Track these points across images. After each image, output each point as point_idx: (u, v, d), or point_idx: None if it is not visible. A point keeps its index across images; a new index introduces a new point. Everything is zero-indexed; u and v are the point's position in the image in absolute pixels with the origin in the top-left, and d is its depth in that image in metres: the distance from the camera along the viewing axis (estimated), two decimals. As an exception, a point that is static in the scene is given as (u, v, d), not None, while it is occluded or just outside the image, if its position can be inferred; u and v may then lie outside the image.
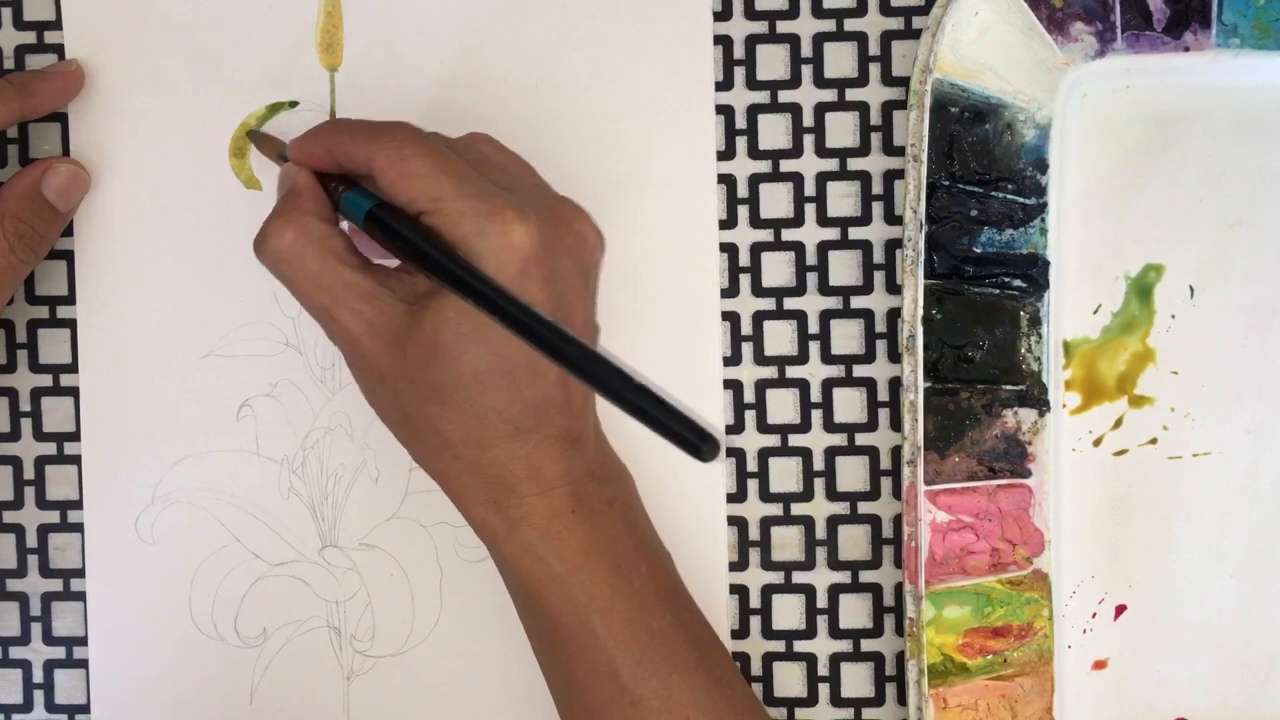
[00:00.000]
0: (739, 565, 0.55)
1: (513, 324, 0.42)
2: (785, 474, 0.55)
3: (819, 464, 0.55)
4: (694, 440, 0.39)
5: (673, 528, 0.53)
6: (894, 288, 0.54)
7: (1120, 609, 0.54)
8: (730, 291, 0.55)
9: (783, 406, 0.55)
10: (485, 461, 0.46)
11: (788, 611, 0.55)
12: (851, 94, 0.54)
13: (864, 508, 0.55)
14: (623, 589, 0.48)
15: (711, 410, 0.54)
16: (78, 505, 0.55)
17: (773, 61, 0.54)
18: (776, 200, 0.54)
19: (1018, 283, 0.53)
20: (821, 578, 0.55)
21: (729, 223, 0.54)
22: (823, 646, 0.55)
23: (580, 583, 0.47)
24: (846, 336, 0.54)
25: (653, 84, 0.54)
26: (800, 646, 0.55)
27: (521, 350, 0.45)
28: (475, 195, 0.45)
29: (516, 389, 0.46)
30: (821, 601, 0.55)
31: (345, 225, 0.48)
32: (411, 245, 0.45)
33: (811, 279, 0.54)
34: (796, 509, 0.55)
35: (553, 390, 0.46)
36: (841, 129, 0.54)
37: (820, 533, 0.55)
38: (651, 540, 0.50)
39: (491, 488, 0.47)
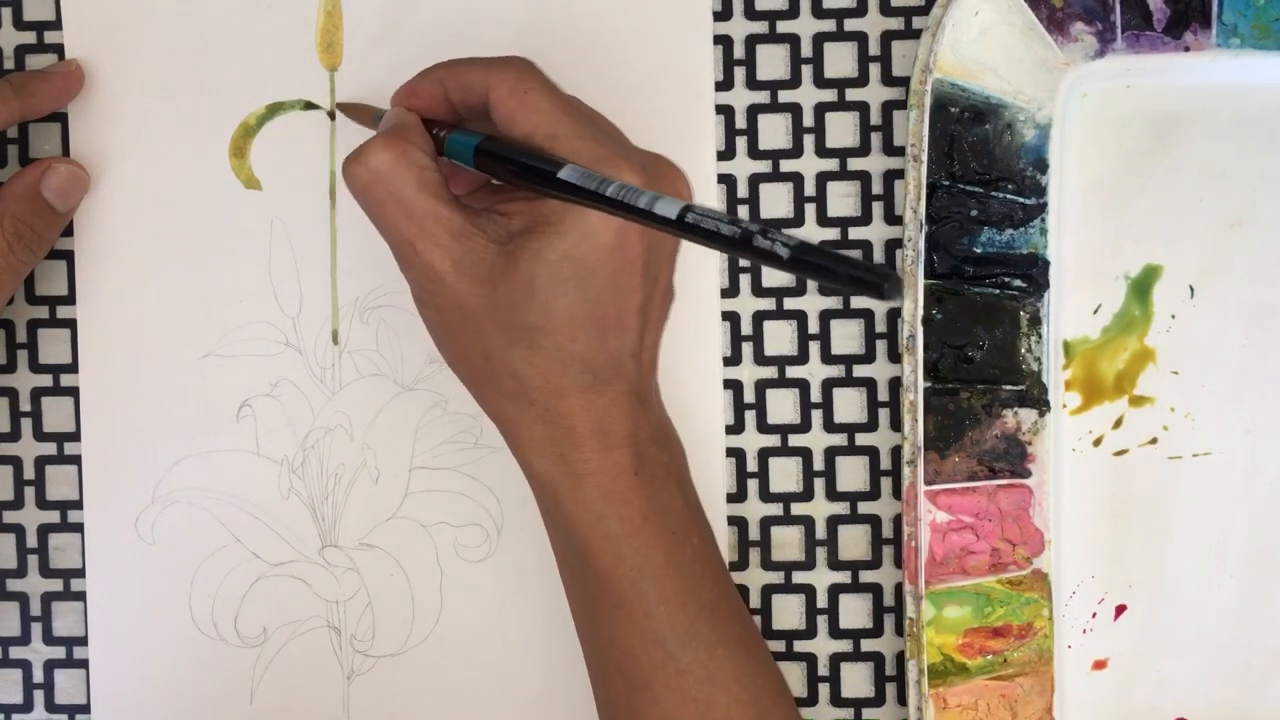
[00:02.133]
0: (739, 565, 0.55)
1: (649, 220, 0.42)
2: (785, 474, 0.55)
3: (819, 464, 0.55)
4: (874, 280, 0.38)
5: (673, 528, 0.53)
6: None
7: (1120, 609, 0.54)
8: (730, 291, 0.55)
9: (783, 406, 0.55)
10: (560, 410, 0.46)
11: (788, 611, 0.55)
12: (851, 94, 0.54)
13: (864, 508, 0.55)
14: (675, 557, 0.47)
15: (711, 410, 0.54)
16: (78, 505, 0.55)
17: (773, 61, 0.54)
18: (777, 200, 0.54)
19: (1018, 283, 0.53)
20: (821, 578, 0.55)
21: (729, 223, 0.54)
22: (823, 646, 0.55)
23: (636, 546, 0.47)
24: (846, 336, 0.54)
25: (653, 84, 0.54)
26: (800, 646, 0.55)
27: (612, 298, 0.45)
28: (591, 138, 0.45)
29: (604, 338, 0.45)
30: (821, 601, 0.55)
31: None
32: (528, 167, 0.44)
33: (811, 279, 0.54)
34: (796, 509, 0.55)
35: (633, 344, 0.46)
36: (841, 129, 0.54)
37: (820, 533, 0.55)
38: (701, 513, 0.50)
39: (559, 440, 0.46)
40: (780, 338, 0.55)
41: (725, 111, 0.54)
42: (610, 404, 0.46)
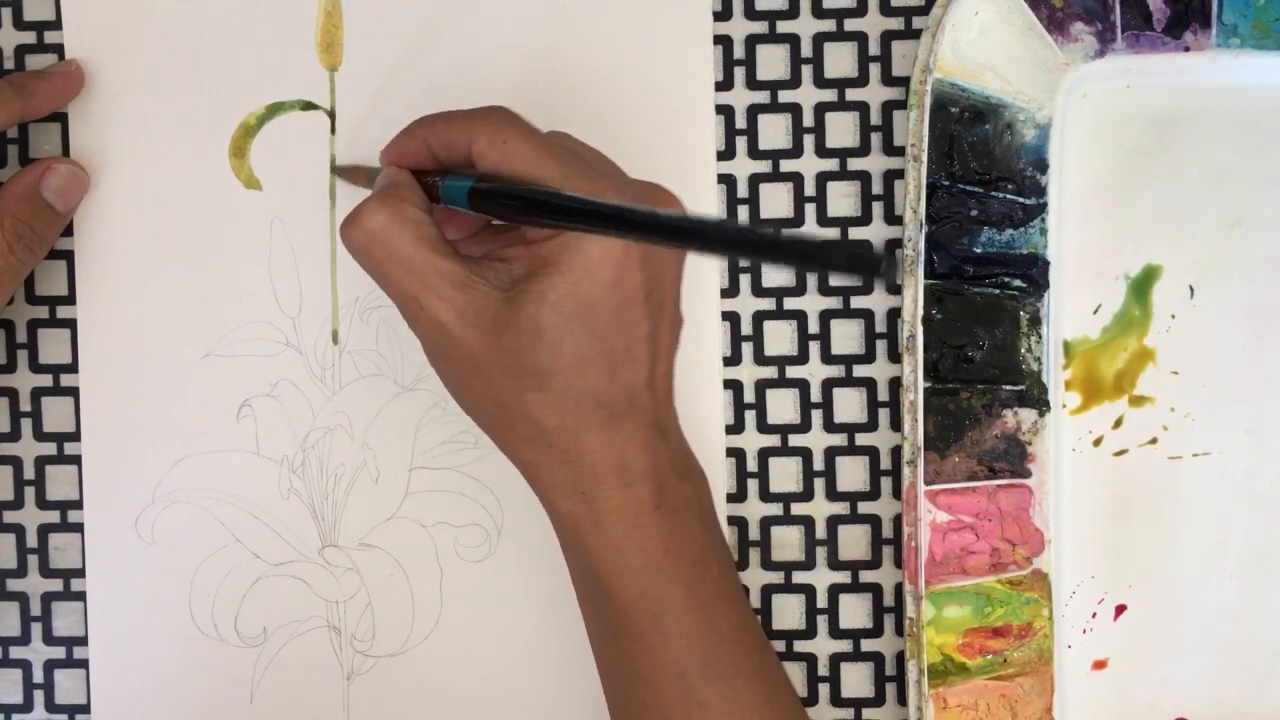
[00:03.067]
0: (739, 565, 0.55)
1: (652, 232, 0.41)
2: (785, 474, 0.55)
3: (819, 464, 0.55)
4: (869, 261, 0.37)
5: (673, 528, 0.53)
6: (894, 288, 0.54)
7: (1120, 609, 0.54)
8: (730, 291, 0.55)
9: (783, 406, 0.55)
10: (579, 449, 0.46)
11: (788, 611, 0.55)
12: (851, 94, 0.54)
13: (864, 508, 0.55)
14: (697, 589, 0.48)
15: (711, 410, 0.54)
16: (78, 505, 0.55)
17: (773, 61, 0.54)
18: (776, 200, 0.54)
19: (1018, 283, 0.53)
20: (821, 578, 0.55)
21: (729, 223, 0.54)
22: (823, 646, 0.55)
23: (658, 580, 0.47)
24: (846, 336, 0.54)
25: (653, 84, 0.54)
26: (800, 646, 0.55)
27: (619, 331, 0.45)
28: (578, 176, 0.45)
29: (614, 372, 0.46)
30: (821, 601, 0.55)
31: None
32: (527, 199, 0.44)
33: (811, 279, 0.54)
34: (796, 509, 0.55)
35: (645, 375, 0.47)
36: (841, 129, 0.54)
37: (820, 533, 0.55)
38: (722, 541, 0.50)
39: (580, 478, 0.46)
40: (780, 338, 0.55)
41: (725, 111, 0.54)
42: (628, 438, 0.46)
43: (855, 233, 0.54)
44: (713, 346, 0.54)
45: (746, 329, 0.55)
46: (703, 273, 0.54)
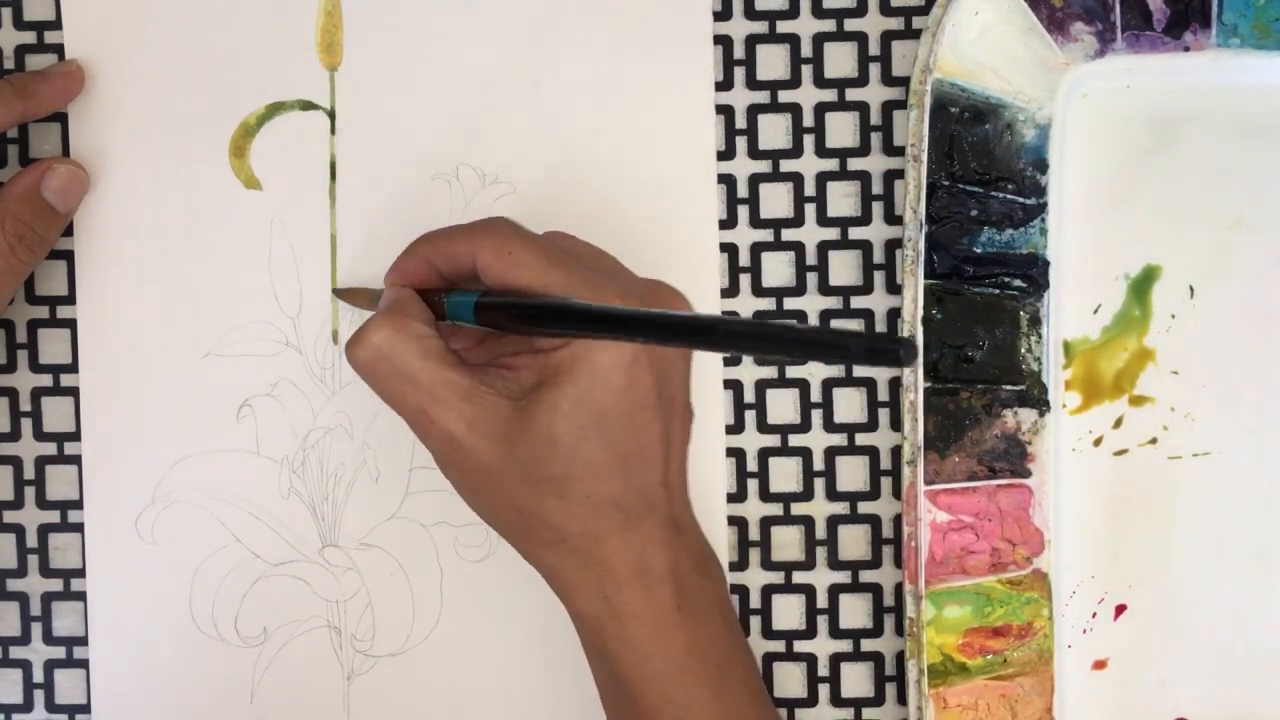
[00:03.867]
0: (739, 565, 0.55)
1: (663, 335, 0.42)
2: (785, 474, 0.55)
3: (819, 464, 0.55)
4: (890, 349, 0.37)
5: (673, 528, 0.53)
6: (894, 288, 0.54)
7: (1120, 609, 0.54)
8: (730, 291, 0.55)
9: (783, 406, 0.55)
10: (600, 554, 0.46)
11: (788, 611, 0.55)
12: (851, 94, 0.54)
13: (864, 508, 0.55)
14: (722, 691, 0.48)
15: (711, 410, 0.54)
16: (78, 505, 0.55)
17: (773, 61, 0.54)
18: (776, 200, 0.54)
19: (1018, 283, 0.53)
20: (821, 578, 0.55)
21: (729, 223, 0.54)
22: (823, 646, 0.55)
23: (683, 683, 0.47)
24: (846, 336, 0.54)
25: (653, 84, 0.54)
26: (800, 647, 0.55)
27: (631, 435, 0.46)
28: (583, 282, 0.45)
29: (630, 475, 0.46)
30: (821, 601, 0.55)
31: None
32: (535, 310, 0.45)
33: (811, 279, 0.54)
34: (796, 509, 0.55)
35: (659, 474, 0.47)
36: (841, 129, 0.54)
37: (820, 533, 0.55)
38: (743, 638, 0.50)
39: (602, 582, 0.47)
40: (780, 338, 0.54)
41: (725, 111, 0.54)
42: (647, 539, 0.47)
43: (855, 233, 0.54)
44: (713, 346, 0.54)
45: (746, 329, 0.54)
46: (703, 273, 0.54)
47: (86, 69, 0.54)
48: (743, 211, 0.54)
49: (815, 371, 0.55)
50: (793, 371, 0.55)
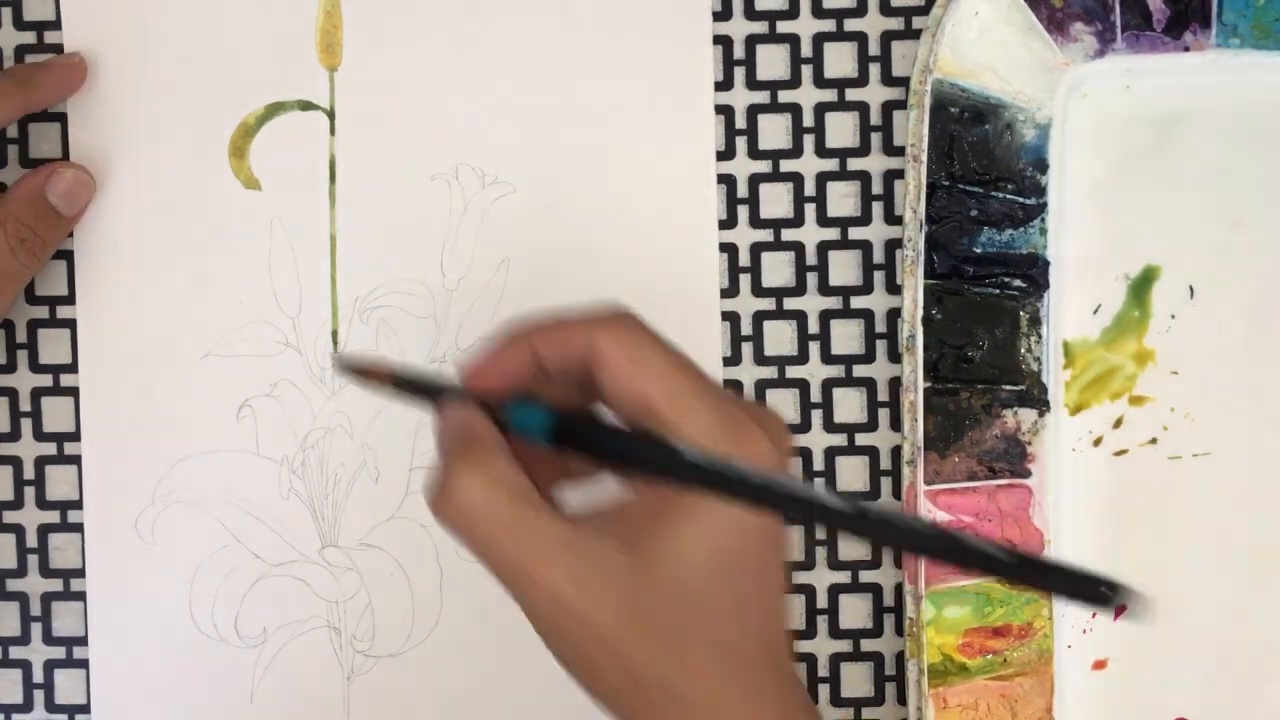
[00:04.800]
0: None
1: (804, 512, 0.38)
2: (785, 474, 0.55)
3: (819, 464, 0.55)
4: (1101, 592, 0.36)
5: (673, 528, 0.53)
6: (894, 288, 0.54)
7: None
8: (730, 291, 0.55)
9: (783, 406, 0.55)
10: (721, 718, 0.40)
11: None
12: (851, 94, 0.54)
13: (864, 508, 0.55)
14: None
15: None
16: (78, 505, 0.55)
17: (773, 61, 0.54)
18: (776, 200, 0.54)
19: (1018, 283, 0.53)
20: (821, 578, 0.55)
21: (729, 223, 0.54)
22: (823, 646, 0.55)
23: None
24: (846, 336, 0.54)
25: (653, 84, 0.54)
26: (800, 647, 0.55)
27: (760, 581, 0.40)
28: (717, 401, 0.40)
29: (761, 624, 0.40)
30: (821, 601, 0.55)
31: None
32: (641, 449, 0.39)
33: (811, 279, 0.54)
34: (796, 509, 0.55)
35: (782, 619, 0.42)
36: (841, 129, 0.54)
37: (820, 533, 0.55)
38: None
39: None
40: (780, 338, 0.55)
41: (725, 111, 0.54)
42: (773, 703, 0.40)
43: (855, 233, 0.54)
44: (713, 347, 0.54)
45: (746, 329, 0.55)
46: (703, 273, 0.54)
47: (88, 68, 0.54)
48: (743, 211, 0.54)
49: (815, 372, 0.55)
50: (792, 371, 0.55)
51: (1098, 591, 0.36)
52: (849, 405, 0.55)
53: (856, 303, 0.54)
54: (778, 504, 0.38)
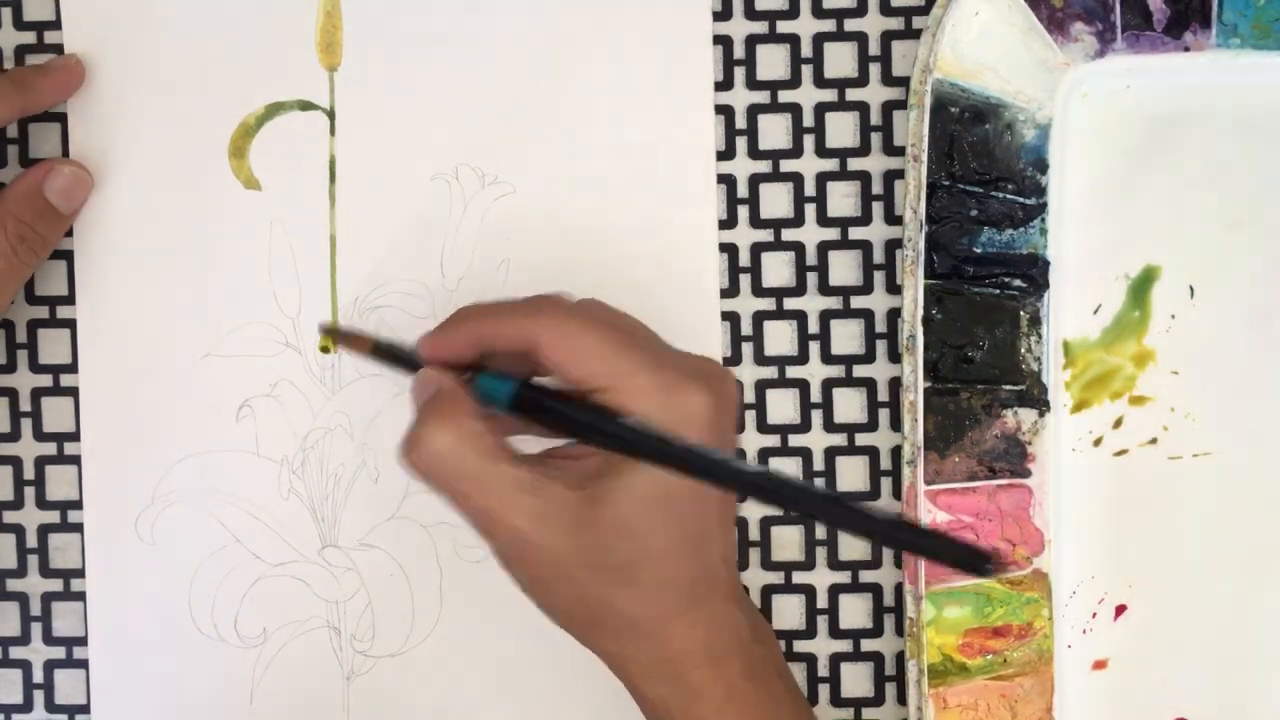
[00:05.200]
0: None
1: (722, 479, 0.43)
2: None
3: (819, 464, 0.55)
4: (970, 559, 0.39)
5: (673, 528, 0.53)
6: (894, 288, 0.54)
7: (1120, 609, 0.54)
8: (730, 291, 0.55)
9: (783, 406, 0.55)
10: (668, 636, 0.46)
11: (788, 611, 0.55)
12: (851, 94, 0.54)
13: (864, 508, 0.55)
14: None
15: (711, 410, 0.54)
16: (78, 505, 0.55)
17: (773, 61, 0.54)
18: (776, 200, 0.54)
19: (1018, 283, 0.53)
20: (821, 578, 0.55)
21: (729, 223, 0.54)
22: (823, 646, 0.55)
23: None
24: (846, 336, 0.54)
25: (653, 84, 0.54)
26: (800, 646, 0.55)
27: (698, 515, 0.45)
28: (651, 368, 0.45)
29: (697, 555, 0.46)
30: (821, 601, 0.55)
31: None
32: (589, 422, 0.44)
33: (811, 279, 0.54)
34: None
35: (720, 549, 0.47)
36: (841, 129, 0.54)
37: (820, 533, 0.55)
38: (801, 697, 0.50)
39: (670, 663, 0.46)
40: (780, 338, 0.55)
41: (725, 111, 0.54)
42: (712, 616, 0.46)
43: (855, 233, 0.54)
44: (713, 347, 0.54)
45: (746, 329, 0.55)
46: (703, 273, 0.54)
47: (86, 69, 0.54)
48: (743, 211, 0.54)
49: (815, 372, 0.55)
50: (793, 371, 0.55)
51: (974, 561, 0.40)
52: (849, 405, 0.55)
53: (856, 303, 0.54)
54: (700, 471, 0.43)
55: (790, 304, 0.55)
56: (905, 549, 0.40)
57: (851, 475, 0.55)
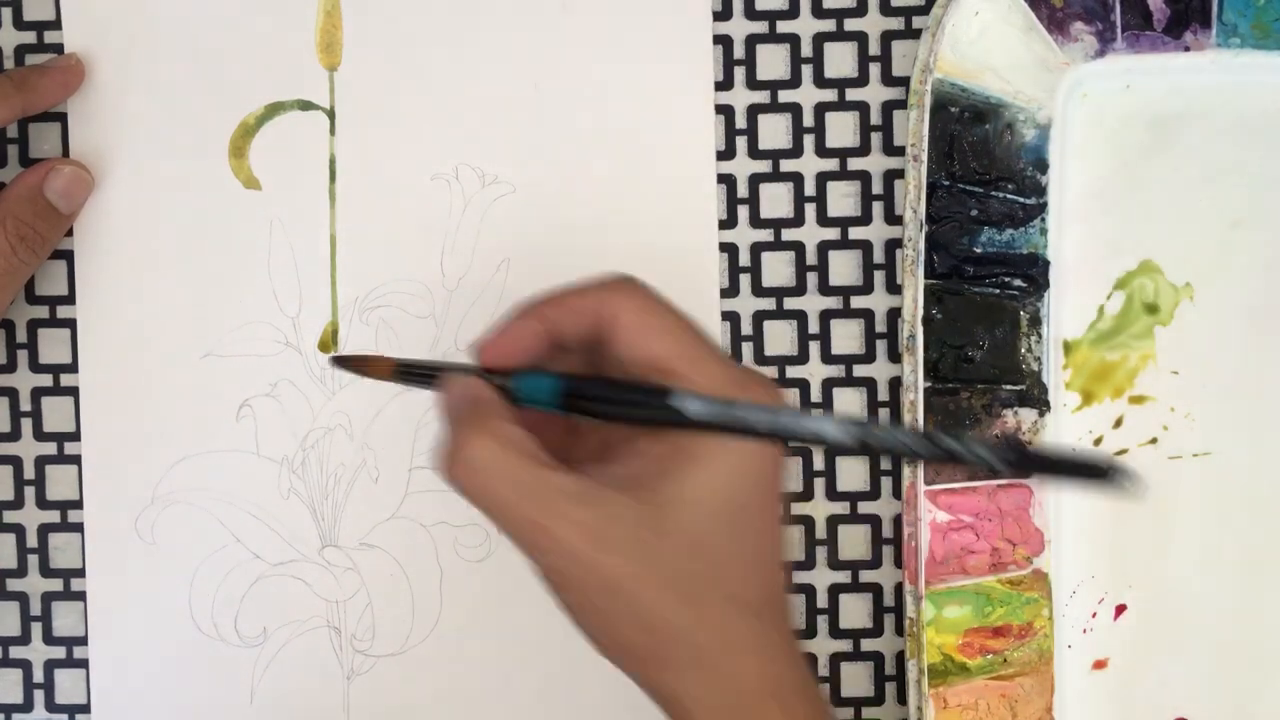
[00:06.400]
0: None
1: (808, 440, 0.40)
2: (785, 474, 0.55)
3: (819, 464, 0.55)
4: (1107, 471, 0.37)
5: (673, 528, 0.53)
6: (894, 288, 0.54)
7: (1120, 609, 0.54)
8: (730, 291, 0.55)
9: (783, 406, 0.55)
10: (737, 670, 0.41)
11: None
12: (851, 94, 0.54)
13: (864, 508, 0.55)
14: None
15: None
16: (78, 505, 0.55)
17: (773, 61, 0.54)
18: (776, 200, 0.54)
19: (1018, 283, 0.53)
20: (821, 578, 0.55)
21: (729, 223, 0.54)
22: (823, 646, 0.55)
23: None
24: (846, 336, 0.54)
25: (653, 84, 0.54)
26: (800, 646, 0.55)
27: (767, 531, 0.42)
28: (721, 358, 0.42)
29: (767, 573, 0.42)
30: (821, 601, 0.55)
31: None
32: (641, 403, 0.41)
33: (811, 279, 0.54)
34: (797, 509, 0.55)
35: (780, 567, 0.43)
36: (841, 129, 0.54)
37: (820, 533, 0.55)
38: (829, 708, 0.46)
39: (742, 703, 0.41)
40: (780, 338, 0.55)
41: (725, 111, 0.54)
42: (782, 649, 0.42)
43: (855, 232, 0.54)
44: (713, 346, 0.54)
45: (747, 329, 0.55)
46: (703, 273, 0.54)
47: (86, 69, 0.54)
48: (743, 211, 0.54)
49: (815, 372, 0.55)
50: (792, 371, 0.55)
51: (1101, 473, 0.37)
52: (849, 405, 0.55)
53: (856, 303, 0.54)
54: (782, 435, 0.40)
55: (790, 304, 0.55)
56: (1030, 472, 0.38)
57: (852, 474, 0.55)
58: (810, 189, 0.54)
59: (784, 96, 0.54)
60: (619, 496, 0.40)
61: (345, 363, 0.48)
